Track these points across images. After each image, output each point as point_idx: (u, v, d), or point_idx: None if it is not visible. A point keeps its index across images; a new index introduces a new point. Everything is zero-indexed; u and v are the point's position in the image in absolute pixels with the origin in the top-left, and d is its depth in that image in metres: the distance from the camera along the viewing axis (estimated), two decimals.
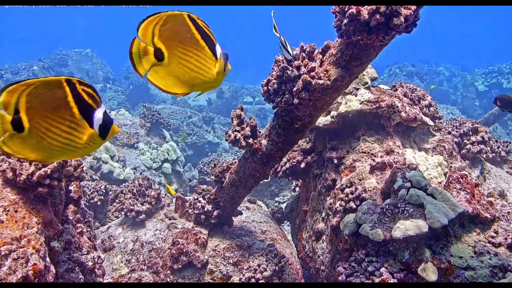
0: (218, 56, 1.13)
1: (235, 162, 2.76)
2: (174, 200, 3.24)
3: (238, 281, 2.50)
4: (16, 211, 1.60)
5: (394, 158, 2.53)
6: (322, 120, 2.82)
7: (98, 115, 1.06)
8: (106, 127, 1.08)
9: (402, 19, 1.54)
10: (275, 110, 2.23)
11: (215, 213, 2.84)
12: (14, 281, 1.38)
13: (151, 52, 1.09)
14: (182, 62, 1.10)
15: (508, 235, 1.95)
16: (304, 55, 2.02)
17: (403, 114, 2.69)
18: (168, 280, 2.54)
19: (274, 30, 1.81)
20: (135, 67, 1.09)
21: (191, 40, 1.09)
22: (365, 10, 1.58)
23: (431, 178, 2.49)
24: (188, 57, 1.10)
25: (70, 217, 2.04)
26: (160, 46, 1.09)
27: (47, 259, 1.60)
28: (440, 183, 2.45)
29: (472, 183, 2.19)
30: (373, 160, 2.53)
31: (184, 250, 2.57)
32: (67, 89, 1.01)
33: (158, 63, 1.10)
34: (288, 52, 1.85)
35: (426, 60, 16.23)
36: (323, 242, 2.66)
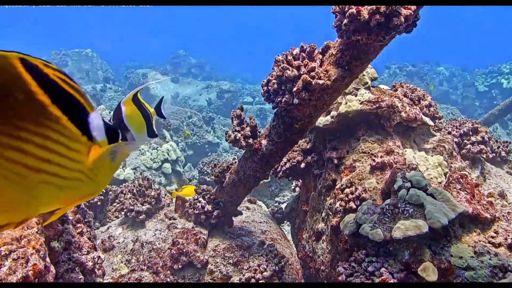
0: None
1: (235, 162, 2.76)
2: (174, 200, 3.24)
3: (238, 281, 2.50)
4: None
5: (394, 158, 2.53)
6: (322, 120, 2.82)
7: (96, 119, 0.61)
8: (113, 139, 0.64)
9: (402, 19, 1.54)
10: (275, 110, 2.23)
11: (215, 213, 2.84)
12: (14, 281, 1.38)
13: None
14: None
15: (508, 235, 1.95)
16: (304, 55, 2.02)
17: (403, 114, 2.69)
18: (168, 280, 2.54)
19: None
20: None
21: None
22: (365, 10, 1.58)
23: (431, 178, 2.49)
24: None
25: (70, 217, 2.04)
26: None
27: (47, 259, 1.60)
28: (440, 183, 2.45)
29: (472, 183, 2.19)
30: (373, 160, 2.52)
31: (184, 250, 2.57)
32: (26, 74, 0.54)
33: None
34: (151, 128, 1.41)
35: (426, 60, 16.22)
36: (323, 242, 2.66)
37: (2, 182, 0.54)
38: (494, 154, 3.40)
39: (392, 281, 1.82)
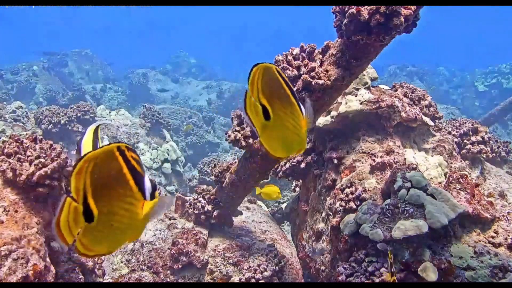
0: (305, 113, 1.01)
1: (235, 162, 2.76)
2: (174, 200, 3.24)
3: (238, 281, 2.50)
4: (16, 211, 1.60)
5: (394, 158, 2.53)
6: (322, 120, 2.82)
7: (147, 183, 0.92)
8: (153, 194, 0.94)
9: (402, 19, 1.54)
10: None
11: (215, 213, 2.84)
12: (14, 281, 1.38)
13: (259, 110, 0.99)
14: (283, 124, 1.00)
15: (508, 235, 1.95)
16: (304, 55, 2.02)
17: (403, 114, 2.69)
18: (168, 280, 2.54)
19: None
20: (253, 124, 1.02)
21: (285, 97, 0.98)
22: (365, 10, 1.58)
23: (431, 178, 2.49)
24: (287, 116, 1.00)
25: None
26: (265, 103, 0.99)
27: (47, 259, 1.60)
28: (440, 183, 2.45)
29: (472, 183, 2.19)
30: (373, 160, 2.52)
31: (184, 250, 2.57)
32: (121, 159, 0.87)
33: (265, 122, 1.00)
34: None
35: (426, 60, 16.24)
36: (323, 242, 2.66)
37: (109, 232, 0.88)
38: (494, 154, 3.40)
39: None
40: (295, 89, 1.96)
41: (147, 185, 0.92)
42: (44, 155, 1.75)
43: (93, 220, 0.84)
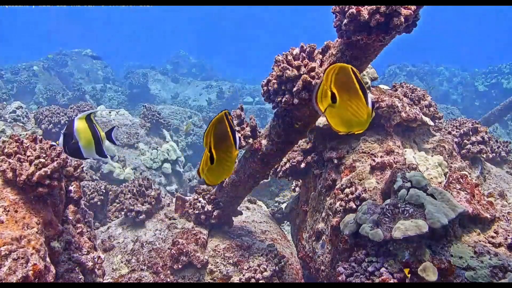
0: (370, 104, 1.36)
1: (235, 162, 2.76)
2: (174, 200, 3.24)
3: (238, 281, 2.51)
4: (16, 211, 1.60)
5: (394, 158, 2.53)
6: (322, 120, 2.82)
7: (237, 137, 1.35)
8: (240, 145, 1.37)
9: (402, 19, 1.54)
10: (275, 110, 2.23)
11: (215, 213, 2.84)
12: (14, 281, 1.38)
13: (329, 95, 1.39)
14: (347, 108, 1.37)
15: (508, 235, 1.95)
16: (304, 55, 2.01)
17: (403, 114, 2.69)
18: (168, 280, 2.54)
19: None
20: (317, 104, 1.42)
21: (353, 90, 1.34)
22: (365, 10, 1.58)
23: (431, 178, 2.49)
24: (351, 103, 1.36)
25: (70, 217, 2.04)
26: (334, 91, 1.37)
27: (47, 259, 1.60)
28: (440, 183, 2.45)
29: (472, 183, 2.19)
30: (373, 160, 2.52)
31: (184, 250, 2.57)
32: (227, 123, 1.30)
33: (332, 104, 1.39)
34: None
35: (426, 60, 16.22)
36: (323, 242, 2.65)
37: (219, 170, 1.37)
38: (494, 154, 3.40)
39: (392, 281, 1.82)
40: (294, 89, 1.97)
41: (237, 139, 1.34)
42: (44, 155, 1.75)
43: (213, 162, 1.32)
